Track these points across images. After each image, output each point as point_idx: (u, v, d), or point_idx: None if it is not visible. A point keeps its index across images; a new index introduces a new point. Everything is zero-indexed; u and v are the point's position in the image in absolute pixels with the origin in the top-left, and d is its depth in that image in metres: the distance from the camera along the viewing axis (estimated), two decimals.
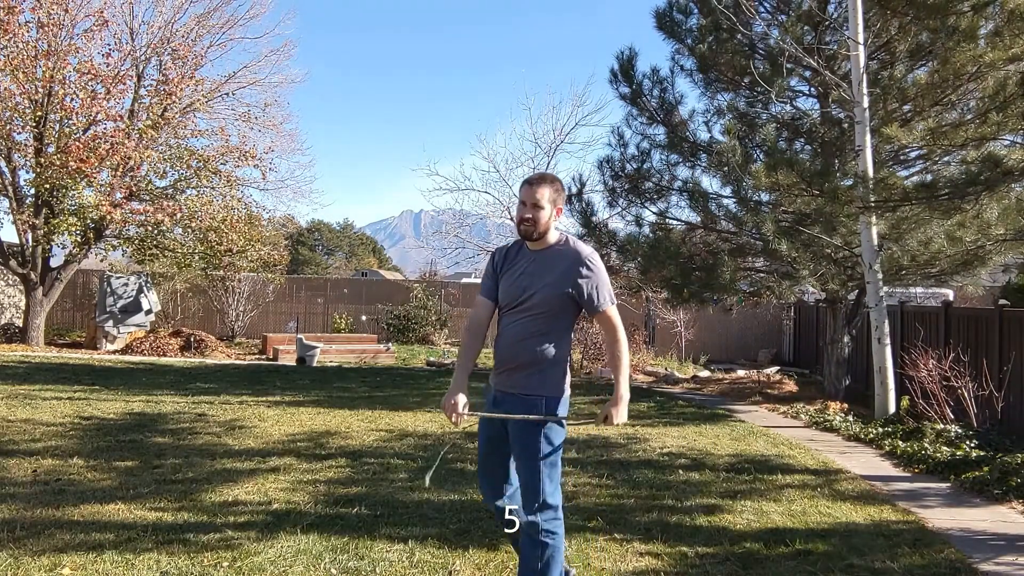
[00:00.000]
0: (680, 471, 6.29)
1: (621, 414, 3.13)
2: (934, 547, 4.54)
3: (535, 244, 3.20)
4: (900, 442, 7.53)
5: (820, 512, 5.20)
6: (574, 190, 12.77)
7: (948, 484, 6.23)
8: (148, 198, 16.63)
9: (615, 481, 5.88)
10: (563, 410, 3.19)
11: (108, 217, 14.79)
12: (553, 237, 3.20)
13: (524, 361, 3.14)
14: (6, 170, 15.50)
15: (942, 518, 5.22)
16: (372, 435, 7.38)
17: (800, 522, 4.94)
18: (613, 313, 3.18)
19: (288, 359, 14.76)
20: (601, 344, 14.22)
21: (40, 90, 14.79)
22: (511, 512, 3.32)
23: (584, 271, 3.12)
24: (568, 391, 3.22)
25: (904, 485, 6.20)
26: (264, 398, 9.66)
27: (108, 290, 15.94)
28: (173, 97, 16.04)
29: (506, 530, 3.41)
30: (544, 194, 3.12)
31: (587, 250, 3.17)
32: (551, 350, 3.14)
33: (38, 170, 14.76)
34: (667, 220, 12.35)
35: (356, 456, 6.43)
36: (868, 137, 9.16)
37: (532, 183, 3.15)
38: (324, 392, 10.46)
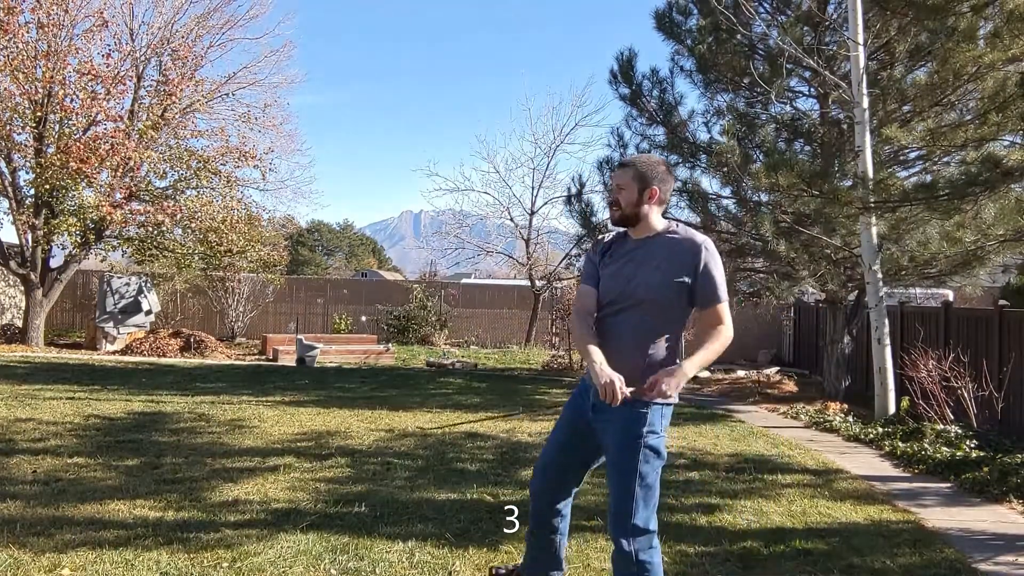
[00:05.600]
0: (680, 471, 6.29)
1: (671, 383, 2.73)
2: (934, 547, 4.55)
3: (638, 232, 2.97)
4: (900, 443, 7.53)
5: (820, 512, 5.21)
6: (574, 191, 12.78)
7: (948, 484, 6.23)
8: (148, 198, 16.63)
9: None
10: (665, 421, 2.91)
11: (108, 218, 14.79)
12: (660, 225, 2.96)
13: (634, 363, 2.84)
14: (6, 171, 15.50)
15: (942, 518, 5.22)
16: (372, 435, 7.37)
17: (800, 522, 4.95)
18: (725, 310, 2.87)
19: (288, 360, 14.75)
20: None
21: (40, 90, 14.79)
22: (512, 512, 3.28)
23: (700, 259, 2.85)
24: (675, 398, 2.89)
25: (904, 485, 6.20)
26: (264, 398, 9.66)
27: (108, 291, 15.95)
28: (173, 98, 16.04)
29: (506, 530, 3.40)
30: (627, 175, 2.93)
31: (702, 237, 2.90)
32: (662, 350, 2.88)
33: (38, 170, 14.76)
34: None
35: (356, 456, 6.43)
36: (868, 138, 9.17)
37: (617, 166, 3.01)
38: (324, 392, 10.45)
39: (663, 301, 2.86)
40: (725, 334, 2.87)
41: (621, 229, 3.07)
